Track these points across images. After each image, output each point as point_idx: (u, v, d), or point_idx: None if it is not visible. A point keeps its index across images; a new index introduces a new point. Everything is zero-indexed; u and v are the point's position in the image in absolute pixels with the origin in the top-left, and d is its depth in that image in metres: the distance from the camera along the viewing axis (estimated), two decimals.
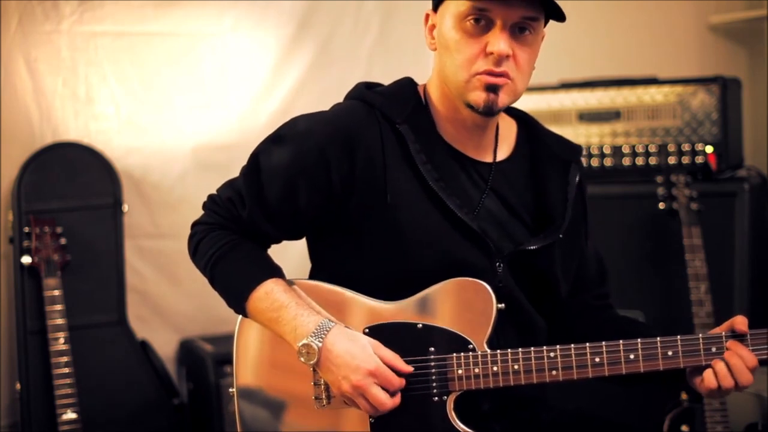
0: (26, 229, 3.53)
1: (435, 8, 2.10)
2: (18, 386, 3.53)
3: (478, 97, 2.02)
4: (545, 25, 2.10)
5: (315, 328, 2.01)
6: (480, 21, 2.00)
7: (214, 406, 3.67)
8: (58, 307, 3.47)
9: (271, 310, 2.05)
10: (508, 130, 2.23)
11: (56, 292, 3.49)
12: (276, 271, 2.11)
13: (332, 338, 2.00)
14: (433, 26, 2.11)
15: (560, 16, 2.05)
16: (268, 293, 2.07)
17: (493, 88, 2.01)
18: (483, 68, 2.00)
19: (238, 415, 2.16)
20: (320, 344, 1.99)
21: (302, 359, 2.00)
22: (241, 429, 2.16)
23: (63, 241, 3.54)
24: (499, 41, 1.98)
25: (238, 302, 2.11)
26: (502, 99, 2.03)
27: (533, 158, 2.21)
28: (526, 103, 3.68)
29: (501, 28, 1.99)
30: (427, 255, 2.06)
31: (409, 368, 2.03)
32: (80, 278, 3.63)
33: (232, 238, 2.13)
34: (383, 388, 1.99)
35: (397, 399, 2.01)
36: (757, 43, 4.43)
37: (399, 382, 2.01)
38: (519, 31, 2.01)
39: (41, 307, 3.50)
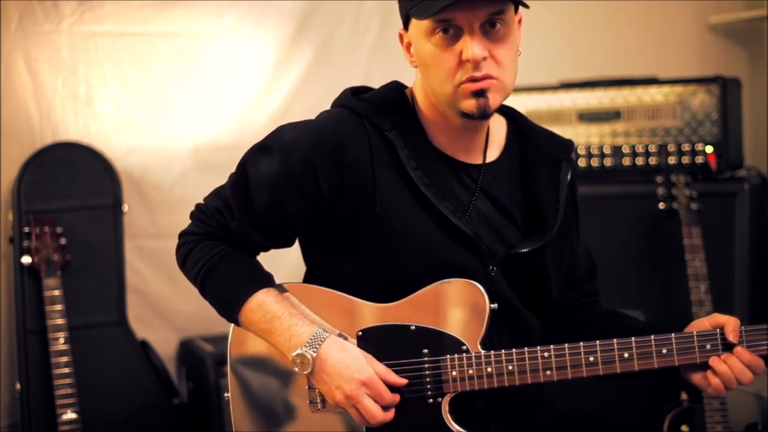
0: (26, 229, 3.54)
1: (405, 27, 2.10)
2: (18, 386, 3.54)
3: (470, 105, 2.01)
4: (516, 11, 2.07)
5: (309, 339, 2.01)
6: (448, 31, 1.99)
7: (214, 406, 3.66)
8: (58, 307, 3.47)
9: (265, 322, 2.06)
10: (498, 130, 2.22)
11: (56, 292, 3.49)
12: (267, 280, 2.11)
13: (326, 348, 2.00)
14: (409, 44, 2.10)
15: (524, 3, 2.02)
16: (260, 305, 2.07)
17: (480, 93, 2.00)
18: (464, 77, 1.99)
19: (233, 420, 2.16)
20: (314, 354, 1.99)
21: (296, 369, 2.01)
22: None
23: (63, 241, 3.55)
24: (471, 47, 1.96)
25: (230, 314, 2.11)
26: (494, 99, 2.02)
27: (523, 157, 2.21)
28: (526, 103, 3.70)
29: (470, 32, 1.97)
30: (420, 260, 2.06)
31: (403, 380, 2.03)
32: (80, 278, 3.63)
33: (220, 249, 2.13)
34: (376, 401, 2.00)
35: (390, 413, 2.01)
36: (757, 43, 4.43)
37: (392, 397, 2.01)
38: (490, 26, 1.99)
39: (41, 307, 3.50)
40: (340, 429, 2.07)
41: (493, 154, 2.18)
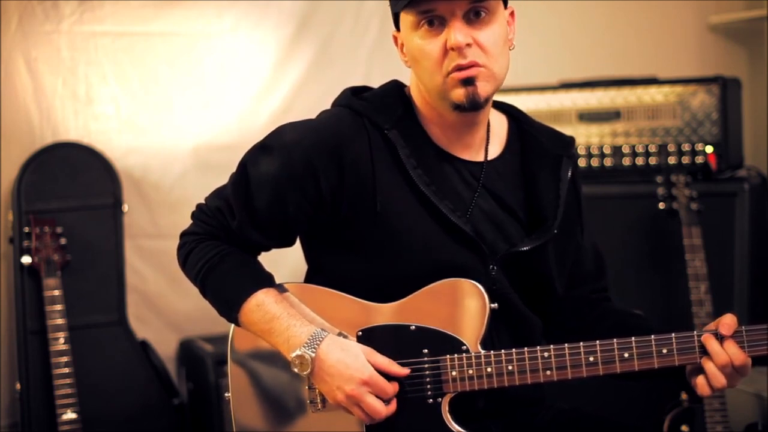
0: (26, 229, 3.54)
1: (397, 27, 2.12)
2: (18, 386, 3.54)
3: (459, 94, 2.02)
4: (506, 5, 2.08)
5: (307, 339, 2.01)
6: (433, 23, 2.01)
7: (214, 406, 3.66)
8: (58, 307, 3.47)
9: (264, 322, 2.06)
10: (499, 127, 2.22)
11: (56, 292, 3.49)
12: (267, 281, 2.12)
13: (325, 348, 2.00)
14: (402, 44, 2.12)
15: None
16: (259, 305, 2.07)
17: (468, 81, 2.00)
18: (451, 66, 2.00)
19: (234, 419, 2.16)
20: (313, 354, 2.00)
21: (296, 370, 2.01)
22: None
23: (63, 241, 3.54)
24: (453, 35, 1.98)
25: (230, 314, 2.11)
26: (483, 88, 2.02)
27: (524, 155, 2.21)
28: (526, 103, 3.69)
29: (452, 21, 1.99)
30: (420, 260, 2.06)
31: (405, 370, 2.03)
32: (80, 278, 3.63)
33: (221, 249, 2.13)
34: (378, 397, 2.00)
35: (393, 406, 2.02)
36: (757, 43, 4.43)
37: (393, 389, 2.01)
38: (474, 15, 2.01)
39: (41, 307, 3.50)
40: (340, 428, 2.07)
41: (494, 152, 2.19)
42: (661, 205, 3.45)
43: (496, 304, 2.05)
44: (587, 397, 2.76)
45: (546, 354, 2.00)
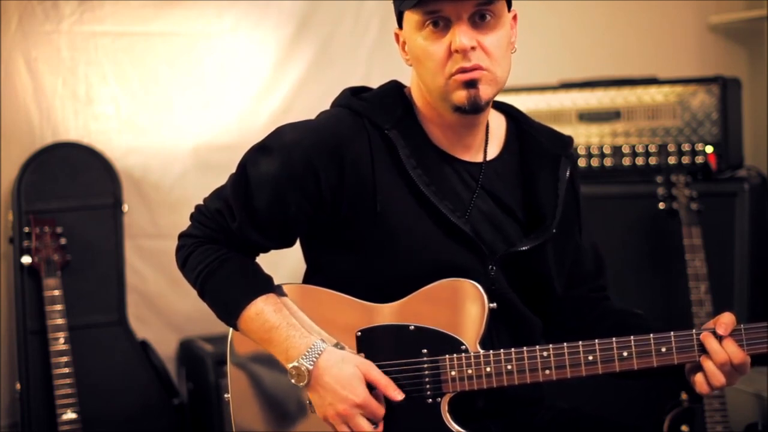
0: (26, 229, 3.54)
1: (400, 25, 2.12)
2: (18, 386, 3.54)
3: (460, 96, 2.01)
4: (509, 8, 2.08)
5: (306, 351, 2.01)
6: (438, 24, 2.00)
7: (214, 406, 3.67)
8: (58, 307, 3.47)
9: (263, 331, 2.06)
10: (497, 127, 2.22)
11: (56, 292, 3.49)
12: (266, 286, 2.11)
13: (323, 363, 2.00)
14: (404, 42, 2.11)
15: None
16: (258, 313, 2.06)
17: (471, 84, 2.00)
18: (455, 68, 2.00)
19: (233, 420, 2.16)
20: (311, 367, 2.00)
21: (293, 381, 2.01)
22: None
23: (63, 241, 3.55)
24: (458, 37, 1.98)
25: (229, 321, 2.11)
26: (484, 91, 2.02)
27: (522, 155, 2.21)
28: (526, 103, 3.69)
29: (458, 23, 1.99)
30: (419, 260, 2.06)
31: (401, 395, 2.02)
32: (80, 278, 3.63)
33: (221, 253, 2.12)
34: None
35: (380, 429, 2.02)
36: (757, 43, 4.43)
37: (383, 411, 2.01)
38: (480, 18, 2.00)
39: (41, 307, 3.50)
40: None
41: (493, 152, 2.19)
42: (661, 205, 3.44)
43: (495, 304, 2.05)
44: (587, 396, 2.76)
45: (545, 353, 2.00)
